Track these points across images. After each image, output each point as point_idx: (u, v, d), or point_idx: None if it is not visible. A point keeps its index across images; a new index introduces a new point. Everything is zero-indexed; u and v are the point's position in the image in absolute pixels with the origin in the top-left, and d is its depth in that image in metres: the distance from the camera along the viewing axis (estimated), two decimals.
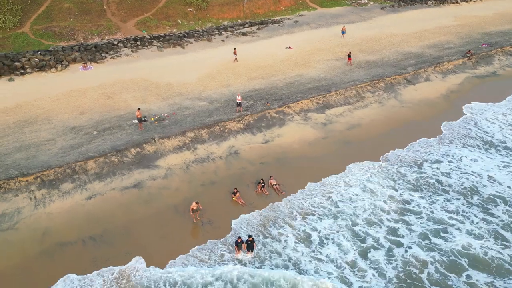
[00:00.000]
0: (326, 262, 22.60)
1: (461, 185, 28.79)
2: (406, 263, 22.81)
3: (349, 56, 48.62)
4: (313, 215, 26.20)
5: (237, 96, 36.26)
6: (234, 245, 22.99)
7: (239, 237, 23.01)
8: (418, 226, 25.26)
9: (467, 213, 26.29)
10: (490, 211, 26.60)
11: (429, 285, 21.51)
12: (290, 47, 55.16)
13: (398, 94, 42.63)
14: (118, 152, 30.49)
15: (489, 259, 22.88)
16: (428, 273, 22.20)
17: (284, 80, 44.34)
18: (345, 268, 22.39)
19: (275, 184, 28.61)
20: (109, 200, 26.98)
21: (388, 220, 25.77)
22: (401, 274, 22.12)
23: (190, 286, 21.07)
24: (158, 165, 30.30)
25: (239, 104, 36.38)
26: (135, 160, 30.33)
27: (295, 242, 23.92)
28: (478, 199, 27.52)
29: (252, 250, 23.20)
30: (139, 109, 33.25)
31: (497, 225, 25.28)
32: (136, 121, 34.74)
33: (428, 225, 25.37)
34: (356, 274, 22.00)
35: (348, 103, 40.38)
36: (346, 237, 24.35)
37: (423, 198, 27.67)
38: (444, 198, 27.61)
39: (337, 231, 24.78)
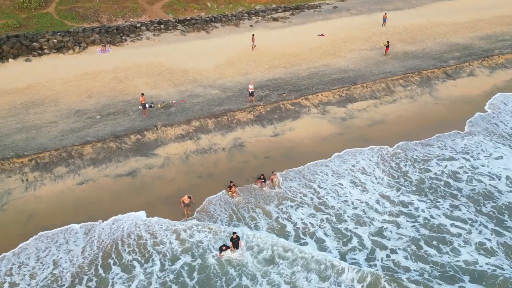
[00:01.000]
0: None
1: (472, 189, 27.19)
2: (385, 268, 21.98)
3: (387, 45, 47.05)
4: (299, 206, 25.76)
5: (249, 85, 36.12)
6: (218, 251, 22.88)
7: (224, 245, 22.97)
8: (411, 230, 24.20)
9: (474, 222, 24.74)
10: (504, 223, 24.89)
11: None
12: (322, 35, 54.24)
13: (433, 89, 40.83)
14: (117, 138, 31.29)
15: (497, 279, 21.46)
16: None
17: (307, 70, 43.68)
18: None
19: (276, 180, 28.31)
20: (100, 187, 27.79)
21: (378, 220, 24.92)
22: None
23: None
24: (156, 153, 30.83)
25: (251, 94, 36.25)
26: (133, 147, 31.01)
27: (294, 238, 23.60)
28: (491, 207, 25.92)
29: (237, 247, 23.14)
30: (142, 94, 33.94)
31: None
32: (146, 106, 35.49)
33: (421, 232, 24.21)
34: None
35: (375, 97, 39.17)
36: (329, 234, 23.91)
37: (423, 201, 26.35)
38: (451, 203, 26.19)
39: (320, 226, 24.40)
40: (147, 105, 35.65)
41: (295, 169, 29.64)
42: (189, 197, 25.52)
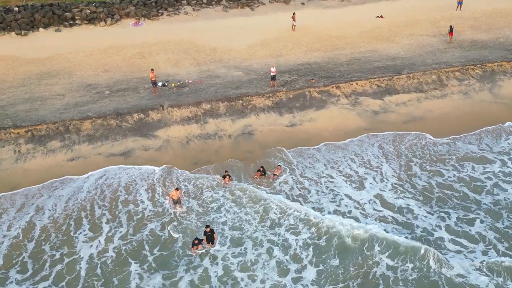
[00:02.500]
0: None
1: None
2: None
3: (450, 30, 44.31)
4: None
5: (271, 68, 35.71)
6: (191, 247, 22.87)
7: (196, 238, 22.95)
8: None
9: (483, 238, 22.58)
10: None
11: None
12: (381, 16, 52.32)
13: (496, 85, 37.83)
14: (119, 115, 32.41)
15: None
16: None
17: (349, 55, 42.41)
18: None
19: (275, 174, 27.86)
20: (90, 165, 28.99)
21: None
22: None
23: None
24: (156, 135, 31.57)
25: (273, 78, 35.85)
26: (134, 127, 31.98)
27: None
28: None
29: (213, 242, 23.09)
30: (152, 70, 34.75)
31: None
32: (160, 84, 36.44)
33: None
34: None
35: (420, 90, 37.11)
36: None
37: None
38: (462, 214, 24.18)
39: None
40: (159, 83, 36.54)
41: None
42: (177, 190, 24.83)
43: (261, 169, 28.15)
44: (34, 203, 25.55)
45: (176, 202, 24.93)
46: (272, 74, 35.75)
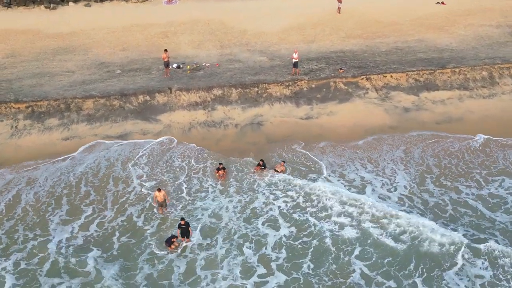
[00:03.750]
0: None
1: None
2: None
3: None
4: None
5: (294, 54, 35.02)
6: (165, 243, 22.84)
7: (172, 236, 22.87)
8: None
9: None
10: None
11: None
12: (442, 3, 50.17)
13: None
14: (124, 96, 33.09)
15: None
16: None
17: (392, 44, 40.90)
18: None
19: (277, 171, 27.28)
20: (83, 144, 29.85)
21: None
22: None
23: None
24: (159, 119, 31.96)
25: (294, 64, 35.18)
26: (137, 109, 32.55)
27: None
28: None
29: (188, 236, 23.01)
30: (166, 50, 35.13)
31: None
32: (174, 66, 36.91)
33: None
34: None
35: (465, 87, 35.04)
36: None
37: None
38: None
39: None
40: (174, 65, 37.00)
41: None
42: (159, 190, 24.10)
43: (261, 162, 27.68)
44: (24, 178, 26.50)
45: (161, 204, 24.23)
46: (294, 60, 35.07)
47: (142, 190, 25.80)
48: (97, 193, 25.57)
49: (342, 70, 35.89)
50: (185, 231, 22.87)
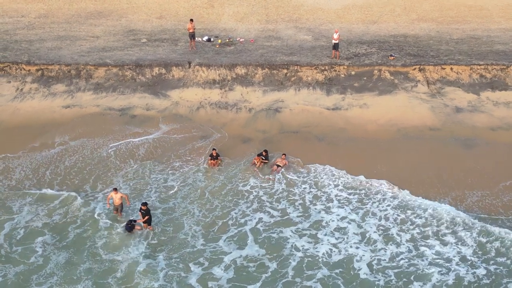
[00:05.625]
0: None
1: None
2: None
3: None
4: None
5: (334, 34, 33.69)
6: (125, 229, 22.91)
7: (130, 221, 22.92)
8: None
9: None
10: None
11: None
12: None
13: None
14: (138, 67, 33.88)
15: None
16: None
17: (469, 32, 38.34)
18: None
19: (280, 166, 26.52)
20: (81, 115, 30.99)
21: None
22: None
23: None
24: (168, 95, 32.37)
25: (334, 46, 33.87)
26: (149, 82, 33.20)
27: None
28: None
29: (149, 223, 23.08)
30: (191, 20, 35.33)
31: None
32: (205, 39, 37.22)
33: None
34: None
35: None
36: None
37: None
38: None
39: None
40: (205, 38, 37.36)
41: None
42: (115, 191, 22.98)
43: (264, 153, 26.93)
44: None
45: (117, 208, 23.23)
46: (334, 41, 33.75)
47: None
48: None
49: (392, 58, 34.00)
50: (146, 216, 22.79)
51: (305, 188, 25.04)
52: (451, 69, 32.94)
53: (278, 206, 23.85)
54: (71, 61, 34.48)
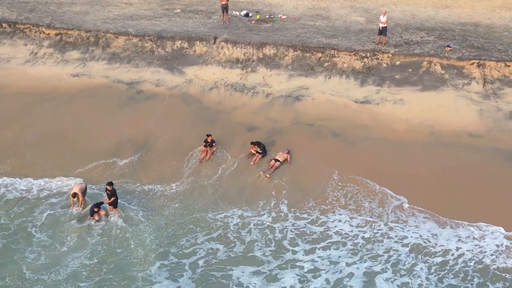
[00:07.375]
0: None
1: None
2: None
3: None
4: None
5: (381, 16, 32.04)
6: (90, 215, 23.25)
7: (94, 205, 23.25)
8: None
9: None
10: None
11: None
12: None
13: None
14: (160, 39, 34.22)
15: None
16: None
17: None
18: None
19: (279, 161, 25.95)
20: (87, 86, 32.03)
21: None
22: None
23: None
24: (184, 71, 32.48)
25: (381, 31, 32.23)
26: (167, 56, 33.47)
27: None
28: None
29: (115, 206, 23.36)
30: None
31: None
32: (243, 13, 37.02)
33: None
34: None
35: None
36: None
37: None
38: None
39: None
40: (243, 12, 37.17)
41: None
42: (78, 185, 24.21)
43: (258, 145, 26.49)
44: None
45: (75, 202, 23.75)
46: (381, 25, 32.10)
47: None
48: None
49: (449, 49, 31.78)
50: (111, 197, 23.06)
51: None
52: None
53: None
54: (93, 27, 35.46)
